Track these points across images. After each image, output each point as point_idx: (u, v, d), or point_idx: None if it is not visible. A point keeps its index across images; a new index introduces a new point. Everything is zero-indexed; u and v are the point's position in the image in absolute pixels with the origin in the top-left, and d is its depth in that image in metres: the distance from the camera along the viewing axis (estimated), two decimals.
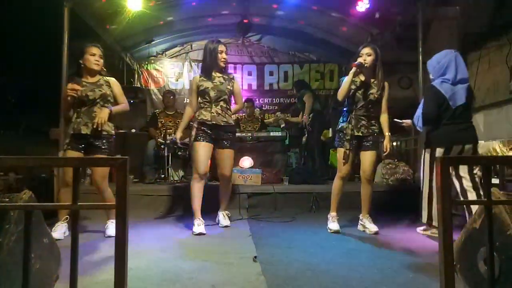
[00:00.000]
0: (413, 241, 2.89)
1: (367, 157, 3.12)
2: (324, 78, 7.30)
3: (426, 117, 2.91)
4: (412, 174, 4.69)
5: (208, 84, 3.19)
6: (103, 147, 2.94)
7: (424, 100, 2.99)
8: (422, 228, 3.10)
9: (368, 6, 4.80)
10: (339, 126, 3.21)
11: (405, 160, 5.31)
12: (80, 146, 2.93)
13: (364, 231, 3.13)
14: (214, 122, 3.17)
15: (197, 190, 3.16)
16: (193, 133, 3.18)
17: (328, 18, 5.81)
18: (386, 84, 3.15)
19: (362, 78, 3.11)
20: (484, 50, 5.23)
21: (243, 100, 5.32)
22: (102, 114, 2.89)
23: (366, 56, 3.05)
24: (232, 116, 3.36)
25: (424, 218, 2.99)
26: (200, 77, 3.26)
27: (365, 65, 3.04)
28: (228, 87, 3.25)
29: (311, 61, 7.37)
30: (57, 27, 4.18)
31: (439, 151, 2.87)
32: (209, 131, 3.18)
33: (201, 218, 3.11)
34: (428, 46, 5.05)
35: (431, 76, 3.04)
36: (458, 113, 2.86)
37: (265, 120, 6.34)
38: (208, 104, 3.20)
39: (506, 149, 3.84)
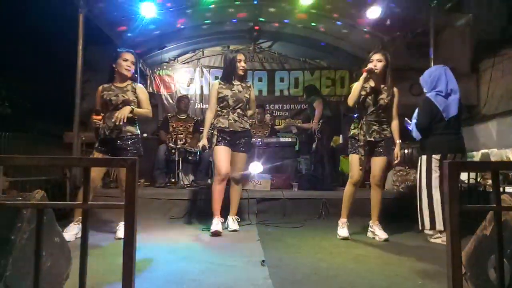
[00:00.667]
0: (422, 248, 2.85)
1: (377, 163, 3.12)
2: (335, 85, 7.28)
3: (419, 127, 3.15)
4: None
5: (227, 92, 3.35)
6: (128, 148, 3.01)
7: (418, 111, 3.18)
8: (434, 235, 3.07)
9: (380, 13, 4.78)
10: (351, 133, 3.21)
11: (416, 167, 5.24)
12: (106, 149, 3.01)
13: (374, 238, 3.10)
14: (231, 129, 3.32)
15: (218, 191, 3.29)
16: (214, 140, 3.32)
17: (339, 25, 5.82)
18: (395, 90, 3.15)
19: (372, 84, 3.12)
20: (498, 58, 5.17)
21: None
22: (123, 110, 2.95)
23: (376, 62, 3.07)
24: (247, 121, 3.47)
25: (427, 225, 3.02)
26: (219, 84, 3.42)
27: (376, 70, 3.06)
28: (246, 95, 3.41)
29: (322, 67, 7.36)
30: (72, 33, 4.29)
31: (435, 158, 3.06)
32: (227, 137, 3.33)
33: (219, 218, 3.26)
34: (440, 53, 5.02)
35: (424, 90, 3.25)
36: (451, 124, 3.08)
37: (275, 126, 6.35)
38: (225, 111, 3.35)
39: None
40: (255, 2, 5.47)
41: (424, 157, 3.12)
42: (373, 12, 4.80)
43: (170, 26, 5.84)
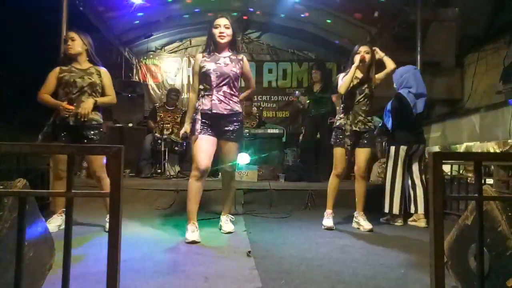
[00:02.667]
0: (406, 238, 2.91)
1: (362, 154, 3.16)
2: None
3: (393, 119, 3.51)
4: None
5: (210, 65, 2.71)
6: (92, 137, 2.88)
7: (392, 104, 3.54)
8: (385, 218, 3.52)
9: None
10: (337, 123, 3.24)
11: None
12: (69, 138, 2.85)
13: (358, 228, 3.15)
14: (215, 111, 2.69)
15: (194, 190, 2.67)
16: (196, 126, 2.72)
17: (328, 17, 5.82)
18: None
19: (359, 75, 3.17)
20: (482, 53, 5.26)
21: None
22: (86, 104, 2.81)
23: (365, 54, 3.14)
24: (239, 103, 2.84)
25: (387, 208, 3.44)
26: (203, 56, 2.78)
27: (366, 61, 3.14)
28: (234, 69, 2.73)
29: (310, 59, 7.38)
30: (55, 20, 4.16)
31: (402, 148, 3.43)
32: (210, 123, 2.72)
33: (195, 223, 2.64)
34: (427, 47, 5.08)
35: (394, 85, 3.62)
36: (417, 120, 3.50)
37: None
38: (208, 90, 2.73)
39: (501, 151, 3.87)
40: None
41: (393, 148, 3.48)
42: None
43: (157, 14, 5.75)
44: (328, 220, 3.15)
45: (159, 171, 4.96)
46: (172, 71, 7.19)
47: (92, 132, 2.89)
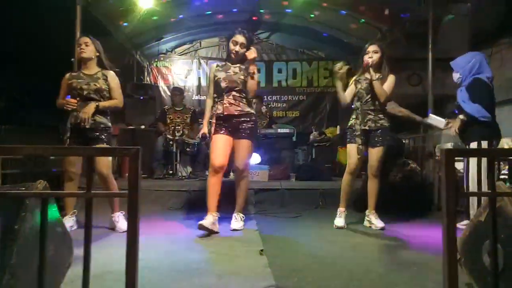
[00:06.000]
0: (420, 237, 2.89)
1: (374, 153, 3.14)
2: (333, 76, 7.29)
3: (484, 107, 3.03)
4: (420, 171, 4.65)
5: (221, 74, 3.07)
6: (101, 137, 2.93)
7: (475, 91, 3.07)
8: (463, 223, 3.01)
9: None
10: (349, 123, 3.26)
11: (413, 157, 5.28)
12: (80, 140, 2.93)
13: (370, 227, 3.14)
14: (226, 113, 3.00)
15: (211, 185, 2.93)
16: (212, 128, 3.05)
17: (337, 15, 5.80)
18: (392, 76, 3.17)
19: (368, 75, 3.13)
20: (496, 48, 5.18)
21: None
22: (87, 109, 2.86)
23: (372, 53, 3.12)
24: (250, 105, 3.11)
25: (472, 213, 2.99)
26: (216, 66, 3.17)
27: (373, 62, 3.09)
28: (241, 77, 3.04)
29: (319, 58, 7.36)
30: (69, 25, 4.25)
31: (495, 144, 3.05)
32: (225, 124, 3.02)
33: (213, 214, 2.86)
34: (439, 43, 5.02)
35: (458, 75, 3.22)
36: (494, 110, 3.15)
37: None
38: (220, 96, 3.07)
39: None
40: None
41: (484, 143, 3.01)
42: None
43: (167, 17, 5.81)
44: (340, 220, 3.14)
45: (171, 172, 5.03)
46: (182, 73, 7.26)
47: (98, 134, 2.93)
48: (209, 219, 2.81)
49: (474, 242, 1.49)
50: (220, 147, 2.97)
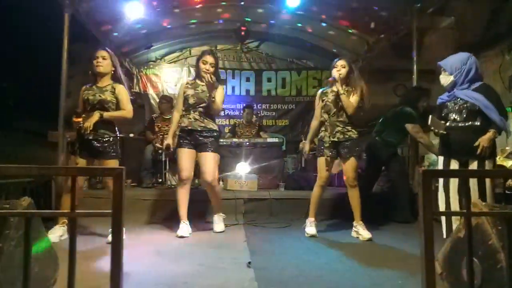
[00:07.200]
0: (407, 249, 2.93)
1: (348, 164, 3.23)
2: (321, 85, 7.37)
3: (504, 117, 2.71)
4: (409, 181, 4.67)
5: (190, 91, 3.31)
6: (108, 150, 2.98)
7: (491, 97, 2.74)
8: None
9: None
10: (319, 135, 3.37)
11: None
12: (86, 152, 2.99)
13: (357, 237, 3.18)
14: (190, 128, 3.25)
15: (181, 195, 3.25)
16: (176, 141, 3.31)
17: (326, 27, 5.90)
18: (360, 86, 3.24)
19: (335, 88, 3.26)
20: (479, 60, 5.29)
21: (242, 106, 6.10)
22: (91, 118, 2.92)
23: (341, 67, 3.27)
24: (213, 121, 3.36)
25: None
26: (187, 83, 3.40)
27: (340, 76, 3.24)
28: (207, 95, 3.24)
29: (308, 68, 7.44)
30: (57, 32, 4.24)
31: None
32: (188, 137, 3.27)
33: (185, 222, 3.23)
34: (424, 55, 5.13)
35: (451, 78, 2.87)
36: None
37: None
38: (187, 110, 3.30)
39: (500, 157, 3.90)
40: (242, 3, 5.50)
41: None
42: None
43: (157, 25, 5.82)
44: (311, 228, 3.25)
45: (160, 180, 5.01)
46: (172, 81, 7.24)
47: (106, 146, 2.98)
48: (184, 228, 3.18)
49: (454, 257, 1.53)
50: (186, 160, 3.24)
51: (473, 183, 2.59)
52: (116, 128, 3.12)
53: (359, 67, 6.48)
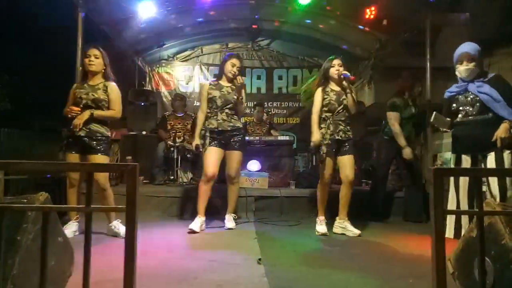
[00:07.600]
0: (419, 248, 2.91)
1: (347, 161, 3.26)
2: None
3: None
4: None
5: (216, 93, 3.41)
6: (99, 147, 2.97)
7: (506, 91, 2.67)
8: None
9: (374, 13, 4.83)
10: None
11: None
12: (77, 148, 2.97)
13: (343, 234, 3.22)
14: (220, 129, 3.36)
15: (203, 191, 3.34)
16: (206, 141, 3.37)
17: (337, 24, 5.86)
18: (351, 87, 3.32)
19: (336, 87, 3.30)
20: (494, 58, 5.21)
21: (253, 104, 6.16)
22: (81, 116, 2.91)
23: (338, 66, 3.29)
24: (239, 120, 3.53)
25: None
26: (209, 85, 3.49)
27: (339, 74, 3.26)
28: (234, 96, 3.42)
29: (320, 65, 7.37)
30: (71, 30, 4.32)
31: None
32: (218, 137, 3.38)
33: (201, 217, 3.30)
34: (438, 52, 5.05)
35: (473, 64, 2.81)
36: None
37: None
38: (214, 111, 3.41)
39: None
40: (253, 1, 5.50)
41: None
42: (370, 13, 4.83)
43: (169, 24, 5.87)
44: (321, 227, 3.26)
45: (172, 177, 5.06)
46: (184, 79, 7.31)
47: (95, 144, 2.97)
48: (198, 223, 3.24)
49: (467, 257, 1.52)
50: (213, 158, 3.33)
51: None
52: (107, 128, 3.07)
53: (371, 64, 6.46)
